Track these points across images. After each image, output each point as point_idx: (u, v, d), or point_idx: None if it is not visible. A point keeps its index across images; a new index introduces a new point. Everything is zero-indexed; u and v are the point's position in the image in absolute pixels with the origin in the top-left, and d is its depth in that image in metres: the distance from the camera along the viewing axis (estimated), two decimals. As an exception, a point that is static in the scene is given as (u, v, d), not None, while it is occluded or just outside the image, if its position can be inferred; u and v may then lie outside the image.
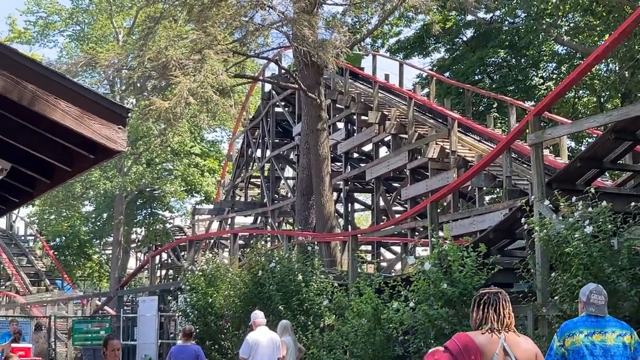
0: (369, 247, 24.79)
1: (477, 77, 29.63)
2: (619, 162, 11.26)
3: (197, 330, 14.08)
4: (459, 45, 31.98)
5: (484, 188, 17.09)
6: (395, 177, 23.83)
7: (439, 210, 14.08)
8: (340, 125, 26.17)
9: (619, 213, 8.36)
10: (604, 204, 8.33)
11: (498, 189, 20.47)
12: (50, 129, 4.55)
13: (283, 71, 24.23)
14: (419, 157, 19.82)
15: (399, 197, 23.70)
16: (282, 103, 29.31)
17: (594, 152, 10.31)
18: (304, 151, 21.38)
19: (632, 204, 8.69)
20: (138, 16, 35.53)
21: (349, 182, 25.11)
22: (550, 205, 9.45)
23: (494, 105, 27.07)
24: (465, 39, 31.86)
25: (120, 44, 33.91)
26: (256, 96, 36.72)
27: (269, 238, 26.62)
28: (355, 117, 23.77)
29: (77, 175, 5.59)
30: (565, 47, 27.09)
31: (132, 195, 40.15)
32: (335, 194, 24.24)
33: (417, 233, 18.53)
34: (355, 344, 11.15)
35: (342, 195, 25.73)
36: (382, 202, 23.61)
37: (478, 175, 15.40)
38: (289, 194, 30.26)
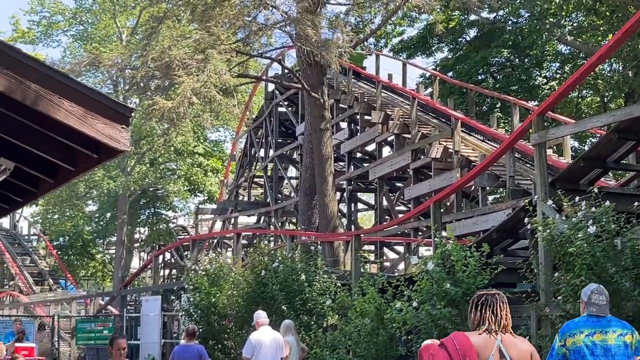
0: (372, 247, 24.79)
1: (480, 77, 29.60)
2: (622, 161, 11.22)
3: (200, 330, 14.08)
4: (462, 45, 31.94)
5: (487, 188, 17.09)
6: (399, 176, 23.80)
7: (442, 210, 14.03)
8: (343, 125, 26.14)
9: (623, 213, 8.34)
10: (607, 203, 8.30)
11: (501, 189, 20.41)
12: (53, 129, 4.55)
13: (286, 71, 24.26)
14: (422, 156, 19.81)
15: (402, 196, 23.67)
16: (286, 103, 29.29)
17: (597, 152, 10.28)
18: (307, 151, 21.37)
19: (635, 203, 8.66)
20: (141, 16, 35.59)
21: (352, 182, 25.09)
22: (554, 205, 9.42)
23: (497, 105, 27.04)
24: (468, 38, 31.83)
25: (124, 44, 33.94)
26: (259, 96, 36.74)
27: (272, 238, 26.60)
28: (358, 116, 23.76)
29: (81, 175, 5.59)
30: (569, 47, 27.06)
31: (135, 195, 40.20)
32: (338, 194, 24.25)
33: (420, 233, 18.52)
34: (358, 344, 11.15)
35: (345, 195, 25.73)
36: (385, 202, 23.59)
37: (481, 175, 15.39)
38: (292, 194, 30.25)
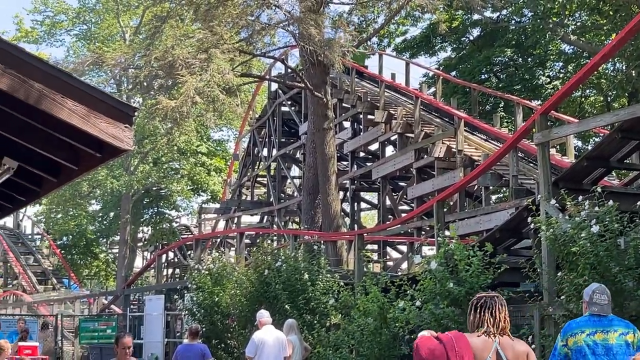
0: (375, 246, 24.74)
1: (483, 76, 29.56)
2: (625, 161, 11.23)
3: (204, 329, 14.10)
4: (465, 44, 31.91)
5: (491, 187, 17.06)
6: (402, 176, 23.79)
7: (445, 209, 14.03)
8: (346, 124, 26.14)
9: (626, 212, 8.34)
10: (611, 203, 8.30)
11: (504, 188, 20.42)
12: (57, 128, 4.55)
13: (289, 70, 24.23)
14: (426, 156, 19.80)
15: (405, 196, 23.68)
16: (289, 102, 29.29)
17: (600, 152, 10.27)
18: (310, 150, 21.37)
19: (638, 203, 8.67)
20: (145, 15, 35.63)
21: (355, 181, 25.09)
22: (557, 205, 9.42)
23: (501, 104, 27.01)
24: (471, 38, 31.79)
25: (127, 43, 33.97)
26: (262, 95, 36.72)
27: (275, 237, 26.63)
28: (361, 116, 23.75)
29: (84, 174, 5.59)
30: (572, 46, 27.02)
31: (138, 194, 40.22)
32: (341, 193, 24.24)
33: (423, 232, 18.50)
34: (361, 343, 11.15)
35: (348, 194, 25.72)
36: (388, 201, 23.57)
37: (484, 175, 15.37)
38: (295, 193, 30.25)
